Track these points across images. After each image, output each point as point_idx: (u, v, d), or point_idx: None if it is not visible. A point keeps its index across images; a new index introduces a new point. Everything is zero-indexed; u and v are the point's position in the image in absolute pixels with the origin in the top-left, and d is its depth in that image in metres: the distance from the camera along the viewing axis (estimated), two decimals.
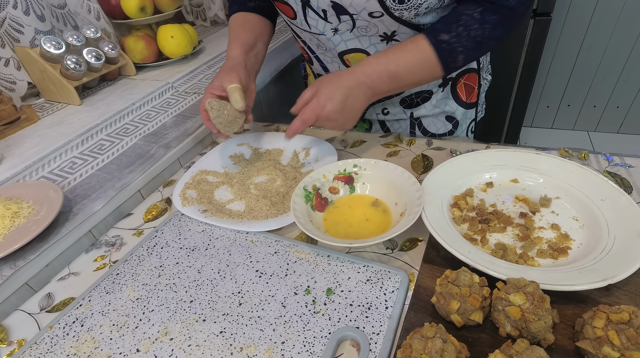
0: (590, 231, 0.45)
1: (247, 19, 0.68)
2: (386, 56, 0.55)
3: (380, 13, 0.54)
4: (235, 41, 0.66)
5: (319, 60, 0.71)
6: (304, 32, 0.65)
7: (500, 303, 0.35)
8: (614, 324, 0.31)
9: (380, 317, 0.40)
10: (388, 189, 0.55)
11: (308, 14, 0.58)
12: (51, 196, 0.57)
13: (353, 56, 0.64)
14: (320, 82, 0.57)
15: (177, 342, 0.41)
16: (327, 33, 0.61)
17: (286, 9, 0.60)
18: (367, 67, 0.56)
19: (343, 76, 0.56)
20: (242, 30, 0.67)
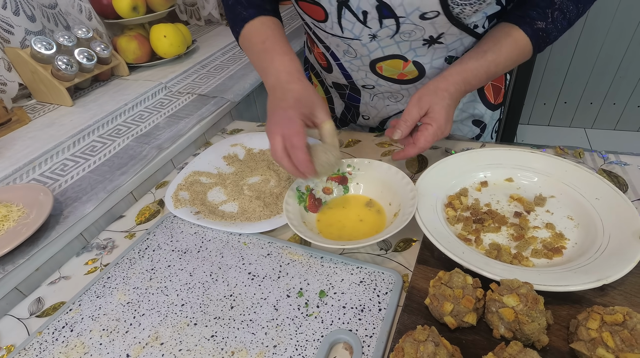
0: (585, 230, 0.44)
1: (277, 25, 0.57)
2: (485, 57, 0.51)
3: (436, 13, 0.47)
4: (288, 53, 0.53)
5: (341, 68, 0.63)
6: (331, 37, 0.57)
7: (493, 304, 0.35)
8: (608, 325, 0.31)
9: (373, 320, 0.40)
10: (382, 189, 0.55)
11: (344, 15, 0.51)
12: (41, 198, 0.56)
13: (388, 63, 0.57)
14: (428, 97, 0.50)
15: (168, 346, 0.40)
16: (363, 38, 0.54)
17: (315, 10, 0.52)
18: (468, 73, 0.51)
19: (450, 89, 0.50)
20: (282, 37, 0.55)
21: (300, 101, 0.47)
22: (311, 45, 0.66)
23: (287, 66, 0.51)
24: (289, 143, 0.45)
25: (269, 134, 0.47)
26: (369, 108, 0.69)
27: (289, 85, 0.49)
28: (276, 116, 0.47)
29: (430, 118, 0.50)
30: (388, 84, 0.61)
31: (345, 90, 0.69)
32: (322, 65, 0.67)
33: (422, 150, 0.50)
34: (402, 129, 0.51)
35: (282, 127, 0.46)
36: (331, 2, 0.50)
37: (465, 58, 0.52)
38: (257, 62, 0.54)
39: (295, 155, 0.45)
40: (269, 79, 0.51)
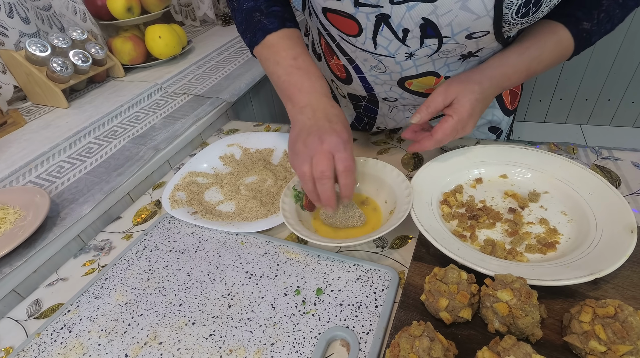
0: (579, 225, 0.45)
1: (302, 39, 0.54)
2: (528, 52, 0.48)
3: (485, 33, 0.44)
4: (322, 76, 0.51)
5: (364, 81, 0.59)
6: (359, 51, 0.53)
7: (488, 299, 0.35)
8: (601, 318, 0.31)
9: (370, 316, 0.40)
10: (378, 187, 0.55)
11: (381, 32, 0.47)
12: (38, 201, 0.56)
13: (420, 80, 0.54)
14: (456, 87, 0.48)
15: (166, 345, 0.40)
16: (399, 56, 0.50)
17: (348, 24, 0.48)
18: (508, 68, 0.49)
19: (484, 83, 0.48)
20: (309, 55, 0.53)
21: (347, 128, 0.47)
22: (328, 55, 0.62)
23: (325, 89, 0.50)
24: (344, 164, 0.44)
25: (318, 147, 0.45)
26: (386, 119, 0.67)
27: (333, 109, 0.48)
28: (328, 134, 0.45)
29: (453, 110, 0.48)
30: (413, 98, 0.59)
31: (362, 101, 0.66)
32: (339, 76, 0.63)
33: (438, 143, 0.48)
34: (422, 115, 0.49)
35: (337, 149, 0.45)
36: (369, 18, 0.46)
37: (505, 52, 0.49)
38: (284, 77, 0.51)
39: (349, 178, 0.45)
40: (304, 96, 0.49)
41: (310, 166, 0.45)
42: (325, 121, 0.46)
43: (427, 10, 0.43)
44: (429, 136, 0.49)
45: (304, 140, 0.46)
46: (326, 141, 0.45)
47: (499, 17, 0.41)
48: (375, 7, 0.44)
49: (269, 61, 0.52)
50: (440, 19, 0.43)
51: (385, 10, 0.44)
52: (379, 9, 0.45)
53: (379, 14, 0.45)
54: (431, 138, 0.49)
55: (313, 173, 0.45)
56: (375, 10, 0.45)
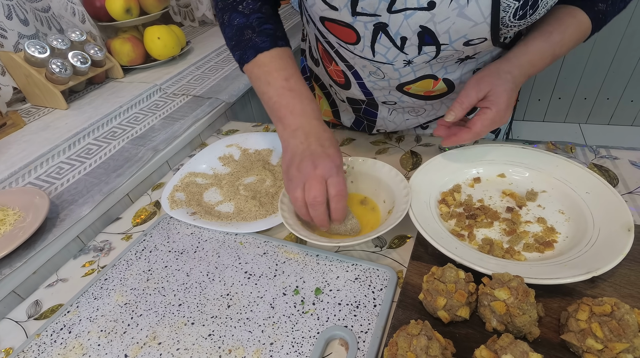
0: (576, 224, 0.45)
1: (294, 60, 0.54)
2: (552, 37, 0.48)
3: (483, 39, 0.44)
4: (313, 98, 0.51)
5: (362, 87, 0.59)
6: (357, 58, 0.53)
7: (485, 298, 0.35)
8: (597, 316, 0.31)
9: (368, 315, 0.40)
10: (376, 187, 0.55)
11: (379, 40, 0.47)
12: (37, 202, 0.56)
13: (418, 84, 0.54)
14: (489, 79, 0.48)
15: (166, 346, 0.41)
16: (397, 64, 0.50)
17: (346, 32, 0.49)
18: (534, 55, 0.48)
19: (514, 71, 0.48)
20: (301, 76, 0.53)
21: (338, 151, 0.48)
22: (326, 61, 0.61)
23: (317, 113, 0.50)
24: (336, 189, 0.45)
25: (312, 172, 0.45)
26: (386, 122, 0.67)
27: (325, 133, 0.48)
28: (321, 160, 0.45)
29: (490, 102, 0.47)
30: (412, 101, 0.59)
31: (362, 105, 0.66)
32: (337, 82, 0.63)
33: (477, 136, 0.48)
34: (457, 112, 0.49)
35: (330, 174, 0.45)
36: (366, 27, 0.46)
37: (529, 39, 0.49)
38: (275, 98, 0.51)
39: (340, 203, 0.45)
40: (296, 119, 0.49)
41: (303, 191, 0.45)
42: (317, 145, 0.46)
43: (424, 18, 0.43)
44: (467, 129, 0.49)
45: (297, 165, 0.46)
46: (319, 166, 0.45)
47: (496, 22, 0.42)
48: (373, 16, 0.45)
49: (259, 80, 0.52)
50: (437, 27, 0.43)
51: (383, 19, 0.44)
52: (376, 18, 0.45)
53: (377, 22, 0.45)
54: (469, 130, 0.48)
55: (306, 198, 0.45)
56: (373, 19, 0.45)
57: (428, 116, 0.64)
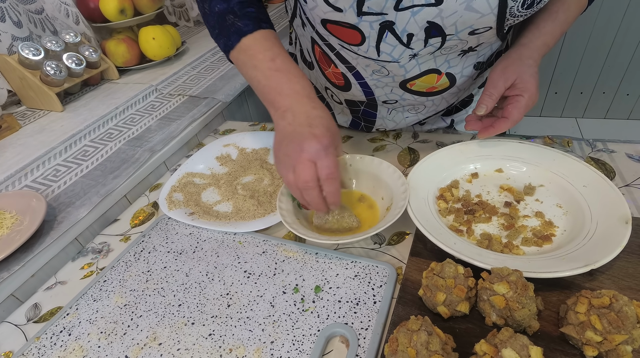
0: (574, 217, 0.45)
1: (279, 41, 0.52)
2: (558, 17, 0.50)
3: (488, 28, 0.45)
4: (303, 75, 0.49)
5: (364, 86, 0.58)
6: (360, 59, 0.53)
7: (485, 292, 0.36)
8: (596, 309, 0.32)
9: (368, 312, 0.40)
10: (374, 184, 0.55)
11: (385, 39, 0.47)
12: (34, 205, 0.56)
13: (423, 79, 0.54)
14: (514, 67, 0.49)
15: (166, 346, 0.41)
16: (403, 60, 0.50)
17: (350, 34, 0.48)
18: (547, 36, 0.50)
19: (534, 55, 0.49)
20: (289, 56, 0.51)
21: (330, 130, 0.45)
22: (324, 64, 0.60)
23: (307, 90, 0.48)
24: (325, 172, 0.43)
25: (299, 156, 0.43)
26: (385, 121, 0.67)
27: (315, 111, 0.46)
28: (307, 142, 0.43)
29: (520, 89, 0.48)
30: (414, 98, 0.59)
31: (360, 107, 0.66)
32: (336, 84, 0.62)
33: (515, 123, 0.49)
34: (487, 104, 0.49)
35: (318, 156, 0.43)
36: (372, 26, 0.46)
37: (539, 21, 0.51)
38: (263, 81, 0.49)
39: (332, 185, 0.44)
40: (285, 100, 0.47)
41: (294, 174, 0.44)
42: (305, 126, 0.44)
43: (432, 14, 0.43)
44: (504, 119, 0.49)
45: (285, 149, 0.45)
46: (306, 149, 0.43)
47: (502, 12, 0.42)
48: (380, 15, 0.44)
49: (246, 65, 0.51)
50: (445, 21, 0.43)
51: (390, 17, 0.44)
52: (383, 17, 0.44)
53: (383, 21, 0.45)
54: (507, 120, 0.49)
55: (297, 183, 0.44)
56: (380, 18, 0.45)
57: (428, 113, 0.64)
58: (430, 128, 0.74)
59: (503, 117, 0.49)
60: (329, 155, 0.44)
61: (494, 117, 0.51)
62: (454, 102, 0.66)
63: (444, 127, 0.73)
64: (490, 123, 0.51)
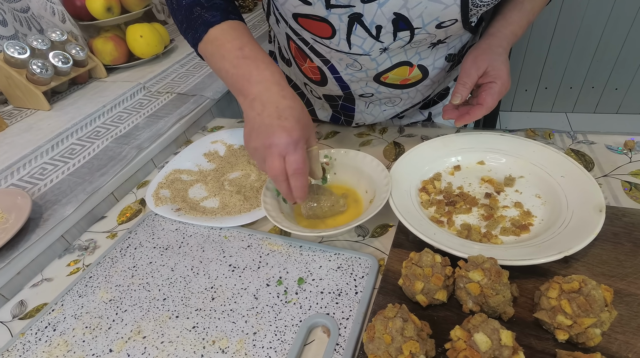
0: (551, 207, 0.46)
1: (248, 30, 0.51)
2: (524, 6, 0.52)
3: (454, 21, 0.46)
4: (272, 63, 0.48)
5: (339, 80, 0.59)
6: (333, 52, 0.53)
7: (461, 280, 0.36)
8: (566, 293, 0.32)
9: (350, 303, 0.41)
10: (359, 178, 0.56)
11: (354, 32, 0.47)
12: (19, 202, 0.56)
13: (395, 72, 0.55)
14: (484, 56, 0.50)
15: (150, 339, 0.41)
16: (373, 53, 0.51)
17: (320, 27, 0.48)
18: (514, 25, 0.52)
19: (503, 43, 0.51)
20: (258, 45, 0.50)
21: (300, 122, 0.44)
22: (300, 60, 0.60)
23: (277, 77, 0.46)
24: (293, 167, 0.43)
25: (267, 150, 0.43)
26: (364, 115, 0.68)
27: (285, 100, 0.44)
28: (276, 135, 0.42)
29: (493, 76, 0.50)
30: (389, 91, 0.60)
31: (339, 101, 0.66)
32: (312, 79, 0.62)
33: (490, 109, 0.50)
34: (462, 93, 0.50)
35: (287, 151, 0.43)
36: (341, 19, 0.46)
37: (506, 11, 0.52)
38: (232, 70, 0.47)
39: (298, 181, 0.44)
40: (253, 87, 0.46)
41: (265, 167, 0.44)
42: (274, 117, 0.43)
43: (397, 4, 0.44)
44: (479, 105, 0.50)
45: (254, 141, 0.45)
46: (274, 143, 0.42)
47: (465, 3, 0.43)
48: (348, 7, 0.45)
49: (214, 56, 0.49)
50: (411, 12, 0.44)
51: (358, 9, 0.45)
52: (351, 9, 0.45)
53: (352, 13, 0.46)
54: (481, 106, 0.50)
55: (268, 175, 0.45)
56: (348, 10, 0.45)
57: (404, 105, 0.65)
58: (409, 122, 0.75)
59: (478, 104, 0.51)
60: (298, 149, 0.43)
61: (469, 106, 0.52)
62: (430, 95, 0.66)
63: (422, 120, 0.73)
64: (466, 111, 0.52)
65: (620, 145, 0.57)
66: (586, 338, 0.31)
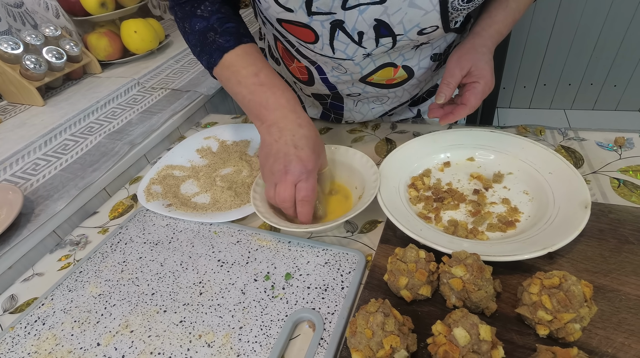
0: (538, 203, 0.46)
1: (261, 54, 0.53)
2: (509, 5, 0.51)
3: (435, 28, 0.46)
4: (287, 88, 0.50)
5: (326, 82, 0.60)
6: (319, 56, 0.53)
7: (445, 276, 0.37)
8: (547, 289, 0.33)
9: (336, 298, 0.41)
10: (349, 174, 0.56)
11: (337, 37, 0.48)
12: (11, 197, 0.56)
13: (379, 73, 0.55)
14: (468, 56, 0.50)
15: (138, 333, 0.41)
16: (357, 58, 0.51)
17: (304, 32, 0.49)
18: (499, 24, 0.51)
19: (487, 43, 0.50)
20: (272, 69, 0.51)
21: (315, 151, 0.47)
22: (287, 60, 0.61)
23: (292, 103, 0.49)
24: (302, 194, 0.46)
25: (283, 176, 0.46)
26: (353, 114, 0.68)
27: (301, 129, 0.47)
28: (292, 164, 0.45)
29: (476, 76, 0.50)
30: (376, 90, 0.60)
31: (327, 99, 0.67)
32: (300, 79, 0.63)
33: (473, 109, 0.50)
34: (446, 93, 0.50)
35: (299, 179, 0.46)
36: (323, 25, 0.47)
37: (491, 10, 0.52)
38: (249, 96, 0.50)
39: (305, 208, 0.46)
40: (271, 114, 0.48)
41: (275, 191, 0.47)
42: (291, 146, 0.46)
43: (378, 11, 0.44)
44: (462, 105, 0.50)
45: (270, 166, 0.47)
46: (290, 171, 0.45)
47: (445, 9, 0.43)
48: (329, 15, 0.45)
49: (230, 81, 0.51)
50: (391, 18, 0.44)
51: (339, 16, 0.45)
52: (332, 16, 0.45)
53: (333, 20, 0.46)
54: (465, 106, 0.50)
55: (275, 199, 0.47)
56: (329, 17, 0.46)
57: (392, 103, 0.65)
58: (398, 119, 0.75)
59: (462, 104, 0.51)
60: (310, 179, 0.46)
61: (453, 104, 0.52)
62: (419, 93, 0.66)
63: (412, 117, 0.73)
64: (450, 110, 0.52)
65: (611, 142, 0.57)
66: (566, 333, 0.32)
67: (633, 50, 1.85)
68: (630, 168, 0.52)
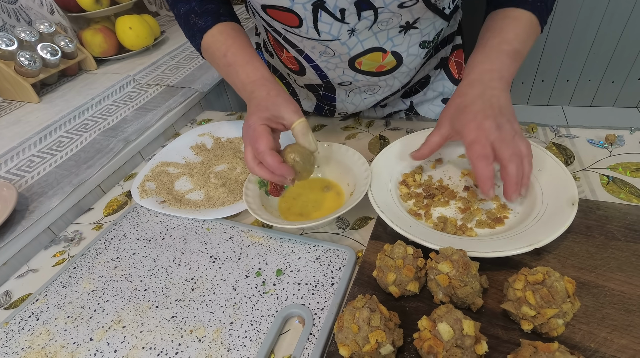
0: (527, 200, 0.46)
1: (236, 31, 0.54)
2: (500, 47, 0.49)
3: (415, 1, 0.46)
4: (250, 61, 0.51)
5: (316, 69, 0.59)
6: (305, 41, 0.53)
7: (432, 272, 0.37)
8: (531, 285, 0.33)
9: (325, 293, 0.42)
10: (341, 171, 0.56)
11: (320, 18, 0.48)
12: (5, 194, 0.57)
13: (368, 57, 0.55)
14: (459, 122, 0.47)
15: (130, 328, 0.42)
16: (342, 37, 0.51)
17: (288, 17, 0.49)
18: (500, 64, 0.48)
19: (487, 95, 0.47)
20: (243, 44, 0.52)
21: (260, 105, 0.47)
22: (277, 51, 0.62)
23: (251, 75, 0.50)
24: (255, 151, 0.45)
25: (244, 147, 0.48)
26: (346, 104, 0.68)
27: (253, 94, 0.49)
28: (244, 128, 0.47)
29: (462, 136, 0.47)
30: (366, 79, 0.60)
31: (320, 90, 0.67)
32: (292, 69, 0.64)
33: None
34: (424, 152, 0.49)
35: (247, 137, 0.46)
36: (305, 7, 0.47)
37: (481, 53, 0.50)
38: (226, 77, 0.54)
39: (264, 160, 0.45)
40: (241, 94, 0.51)
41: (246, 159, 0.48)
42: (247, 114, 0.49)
43: None
44: None
45: None
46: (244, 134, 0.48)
47: None
48: None
49: (212, 63, 0.54)
50: None
51: None
52: None
53: (315, 1, 0.46)
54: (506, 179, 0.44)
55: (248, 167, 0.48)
56: None
57: (384, 93, 0.65)
58: (391, 111, 0.75)
59: None
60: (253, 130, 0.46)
61: None
62: (410, 83, 0.67)
63: (404, 109, 0.74)
64: None
65: (602, 139, 0.57)
66: (549, 328, 0.32)
67: (631, 47, 1.85)
68: (620, 164, 0.52)
